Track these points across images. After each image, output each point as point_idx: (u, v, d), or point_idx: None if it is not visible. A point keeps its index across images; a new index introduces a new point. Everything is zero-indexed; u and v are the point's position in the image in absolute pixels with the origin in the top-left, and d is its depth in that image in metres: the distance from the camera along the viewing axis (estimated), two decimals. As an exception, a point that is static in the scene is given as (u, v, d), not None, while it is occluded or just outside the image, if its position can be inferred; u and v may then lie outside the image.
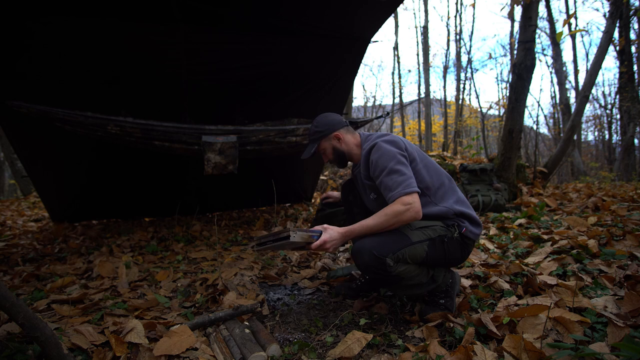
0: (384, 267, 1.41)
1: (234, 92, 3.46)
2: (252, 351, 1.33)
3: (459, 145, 13.69)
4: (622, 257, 1.95)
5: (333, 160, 1.82)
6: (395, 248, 1.43)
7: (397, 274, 1.43)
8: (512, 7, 4.58)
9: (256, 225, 3.94)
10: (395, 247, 1.43)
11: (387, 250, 1.41)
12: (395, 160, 1.52)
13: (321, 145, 1.79)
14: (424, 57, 14.54)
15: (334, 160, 1.82)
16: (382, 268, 1.41)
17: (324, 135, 1.77)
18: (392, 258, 1.41)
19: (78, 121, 2.56)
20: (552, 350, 1.20)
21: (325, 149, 1.79)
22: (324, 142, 1.78)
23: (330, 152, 1.79)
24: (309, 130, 1.82)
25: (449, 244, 1.52)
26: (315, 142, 1.79)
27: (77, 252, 3.06)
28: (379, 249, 1.41)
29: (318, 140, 1.78)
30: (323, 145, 1.79)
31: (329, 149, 1.79)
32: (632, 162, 9.27)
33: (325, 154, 1.81)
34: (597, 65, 5.48)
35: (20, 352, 1.28)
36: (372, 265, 1.42)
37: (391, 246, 1.43)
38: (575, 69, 13.44)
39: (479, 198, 4.10)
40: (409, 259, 1.45)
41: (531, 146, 14.24)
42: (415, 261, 1.47)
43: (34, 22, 2.47)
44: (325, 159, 1.85)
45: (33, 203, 7.21)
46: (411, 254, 1.45)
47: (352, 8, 3.02)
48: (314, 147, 1.79)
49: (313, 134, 1.79)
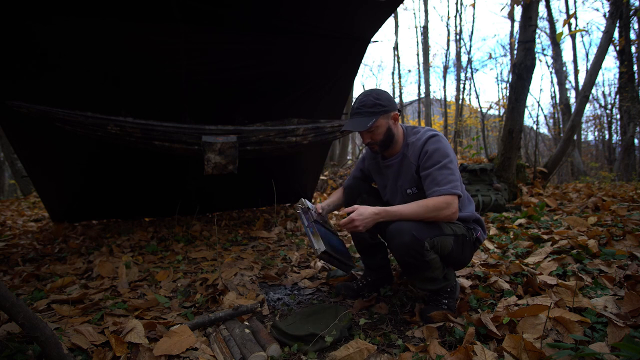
0: (422, 251, 1.42)
1: (234, 92, 3.46)
2: (252, 351, 1.33)
3: (459, 145, 13.69)
4: (622, 257, 1.95)
5: (380, 141, 1.64)
6: (432, 234, 1.45)
7: (429, 260, 1.46)
8: (512, 7, 4.58)
9: (256, 225, 3.94)
10: (432, 233, 1.45)
11: (426, 235, 1.43)
12: (450, 157, 1.53)
13: (378, 121, 1.59)
14: (424, 57, 14.56)
15: (381, 141, 1.64)
16: (420, 251, 1.43)
17: (386, 111, 1.59)
18: (429, 243, 1.44)
19: (78, 121, 2.56)
20: (552, 350, 1.20)
21: (380, 126, 1.60)
22: (383, 119, 1.60)
23: (383, 132, 1.62)
24: (363, 101, 1.60)
25: (467, 244, 1.60)
26: (375, 116, 1.58)
27: (77, 252, 3.06)
28: (419, 232, 1.42)
29: (379, 114, 1.58)
30: (380, 122, 1.60)
31: (384, 128, 1.61)
32: (632, 162, 9.27)
33: (376, 132, 1.62)
34: (597, 65, 5.49)
35: (20, 352, 1.28)
36: (410, 247, 1.42)
37: (429, 231, 1.45)
38: (575, 69, 13.47)
39: (479, 198, 4.10)
40: (439, 248, 1.48)
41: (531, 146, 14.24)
42: (443, 252, 1.50)
43: (34, 22, 2.47)
44: (367, 138, 1.64)
45: (33, 203, 7.21)
46: (442, 244, 1.49)
47: (352, 8, 3.02)
48: (372, 122, 1.57)
49: (373, 106, 1.58)
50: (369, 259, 1.95)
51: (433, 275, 1.52)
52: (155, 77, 3.09)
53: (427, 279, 1.53)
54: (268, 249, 3.10)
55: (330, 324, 1.47)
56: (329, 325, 1.47)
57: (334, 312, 1.60)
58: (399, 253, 1.48)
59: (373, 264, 1.94)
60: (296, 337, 1.44)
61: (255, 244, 3.22)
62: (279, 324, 1.55)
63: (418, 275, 1.54)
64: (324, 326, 1.47)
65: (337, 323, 1.48)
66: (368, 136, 1.64)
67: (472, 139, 9.85)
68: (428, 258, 1.45)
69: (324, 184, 7.00)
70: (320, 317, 1.58)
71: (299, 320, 1.57)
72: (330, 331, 1.44)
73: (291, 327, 1.50)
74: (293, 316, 1.64)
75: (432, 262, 1.48)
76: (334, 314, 1.56)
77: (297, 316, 1.62)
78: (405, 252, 1.44)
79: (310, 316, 1.61)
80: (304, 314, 1.64)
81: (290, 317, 1.63)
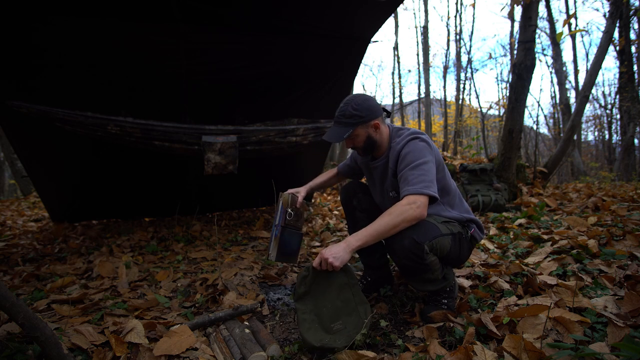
0: (421, 254, 1.41)
1: (234, 92, 3.46)
2: (252, 351, 1.33)
3: (459, 145, 13.69)
4: (622, 257, 1.95)
5: (361, 148, 1.65)
6: (431, 236, 1.44)
7: (428, 262, 1.45)
8: (512, 7, 4.58)
9: (256, 225, 3.94)
10: (430, 236, 1.44)
11: (425, 237, 1.42)
12: (425, 158, 1.50)
13: (355, 131, 1.60)
14: (424, 57, 14.54)
15: (362, 148, 1.65)
16: (420, 255, 1.41)
17: (363, 121, 1.58)
18: (429, 246, 1.43)
19: (78, 121, 2.57)
20: (552, 350, 1.20)
21: (359, 135, 1.61)
22: (360, 129, 1.60)
23: (362, 139, 1.62)
24: (343, 111, 1.60)
25: (464, 241, 1.60)
26: (352, 127, 1.58)
27: (77, 252, 3.06)
28: (418, 235, 1.41)
29: (355, 125, 1.58)
30: (357, 132, 1.60)
31: (363, 137, 1.62)
32: (632, 162, 9.27)
33: (356, 140, 1.63)
34: (597, 65, 5.48)
35: (20, 352, 1.28)
36: (410, 251, 1.41)
37: (428, 234, 1.44)
38: (575, 69, 13.46)
39: (479, 198, 4.10)
40: (438, 250, 1.47)
41: (531, 146, 14.25)
42: (441, 253, 1.49)
43: (34, 22, 2.47)
44: (349, 144, 1.66)
45: (33, 203, 7.21)
46: (441, 245, 1.47)
47: (352, 8, 3.02)
48: (348, 133, 1.57)
49: (350, 117, 1.58)
50: (368, 258, 1.94)
51: (432, 277, 1.52)
52: (155, 77, 3.09)
53: (426, 280, 1.53)
54: (268, 249, 3.10)
55: (356, 321, 1.38)
56: (356, 323, 1.38)
57: (351, 304, 1.44)
58: (399, 257, 1.45)
59: (372, 263, 1.93)
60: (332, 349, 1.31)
61: (255, 244, 3.22)
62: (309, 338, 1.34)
63: (418, 278, 1.53)
64: (351, 326, 1.38)
65: (366, 321, 1.38)
66: (350, 142, 1.65)
67: (472, 139, 9.84)
68: (428, 261, 1.45)
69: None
70: (343, 314, 1.43)
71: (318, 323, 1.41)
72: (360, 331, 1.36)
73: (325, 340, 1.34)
74: (310, 321, 1.41)
75: (432, 265, 1.47)
76: (354, 308, 1.43)
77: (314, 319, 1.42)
78: (405, 256, 1.43)
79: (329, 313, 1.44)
80: (322, 313, 1.44)
81: (307, 323, 1.40)
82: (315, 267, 1.41)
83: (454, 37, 14.60)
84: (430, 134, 14.58)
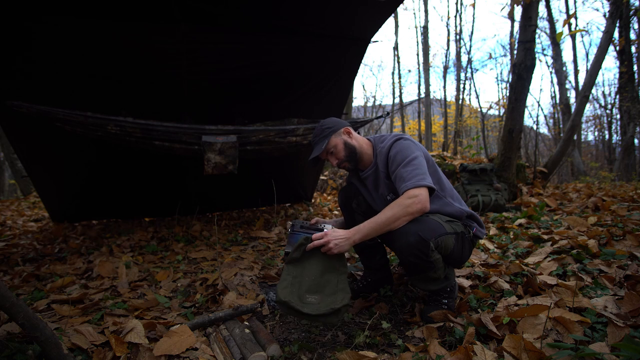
0: (427, 251, 1.42)
1: (234, 92, 3.46)
2: (252, 351, 1.33)
3: (459, 145, 13.69)
4: (622, 257, 1.95)
5: (344, 157, 1.71)
6: (436, 234, 1.45)
7: (433, 260, 1.46)
8: (512, 7, 4.58)
9: (256, 225, 3.93)
10: (436, 233, 1.45)
11: (431, 235, 1.43)
12: (413, 155, 1.55)
13: (331, 142, 1.70)
14: (424, 57, 14.55)
15: (345, 157, 1.71)
16: (425, 252, 1.42)
17: (334, 130, 1.71)
18: (434, 243, 1.44)
19: (78, 121, 2.56)
20: (552, 350, 1.20)
21: (337, 144, 1.70)
22: (335, 138, 1.71)
23: (341, 148, 1.70)
24: (315, 133, 1.76)
25: (466, 242, 1.60)
26: (326, 139, 1.70)
27: (77, 252, 3.06)
28: (424, 232, 1.42)
29: (328, 136, 1.70)
30: (334, 142, 1.70)
31: (340, 144, 1.70)
32: (632, 162, 9.27)
33: (336, 151, 1.71)
34: (597, 65, 5.49)
35: (20, 352, 1.28)
36: (415, 248, 1.42)
37: (434, 231, 1.45)
38: (575, 69, 13.46)
39: (479, 198, 4.11)
40: (443, 248, 1.48)
41: (531, 146, 14.25)
42: (445, 252, 1.50)
43: (33, 22, 2.47)
44: (333, 160, 1.73)
45: (33, 203, 7.21)
46: (445, 244, 1.49)
47: (352, 8, 3.02)
48: (325, 144, 1.69)
49: (322, 132, 1.72)
50: (368, 259, 1.94)
51: (435, 276, 1.52)
52: (155, 77, 3.09)
53: (429, 279, 1.53)
54: (268, 249, 3.10)
55: (330, 302, 1.38)
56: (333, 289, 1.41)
57: (332, 287, 1.45)
58: (404, 254, 1.46)
59: (372, 264, 1.94)
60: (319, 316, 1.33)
61: (255, 244, 3.22)
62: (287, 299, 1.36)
63: (421, 276, 1.53)
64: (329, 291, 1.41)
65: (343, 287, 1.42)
66: (333, 158, 1.74)
67: (472, 139, 9.84)
68: (433, 258, 1.45)
69: (324, 184, 7.00)
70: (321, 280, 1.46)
71: (297, 289, 1.43)
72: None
73: (306, 306, 1.36)
74: (290, 284, 1.44)
75: (436, 263, 1.48)
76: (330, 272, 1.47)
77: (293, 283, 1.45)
78: (410, 253, 1.44)
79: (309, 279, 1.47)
80: (299, 281, 1.46)
81: (285, 284, 1.43)
82: (315, 243, 1.46)
83: (454, 37, 14.62)
84: (430, 134, 14.59)
